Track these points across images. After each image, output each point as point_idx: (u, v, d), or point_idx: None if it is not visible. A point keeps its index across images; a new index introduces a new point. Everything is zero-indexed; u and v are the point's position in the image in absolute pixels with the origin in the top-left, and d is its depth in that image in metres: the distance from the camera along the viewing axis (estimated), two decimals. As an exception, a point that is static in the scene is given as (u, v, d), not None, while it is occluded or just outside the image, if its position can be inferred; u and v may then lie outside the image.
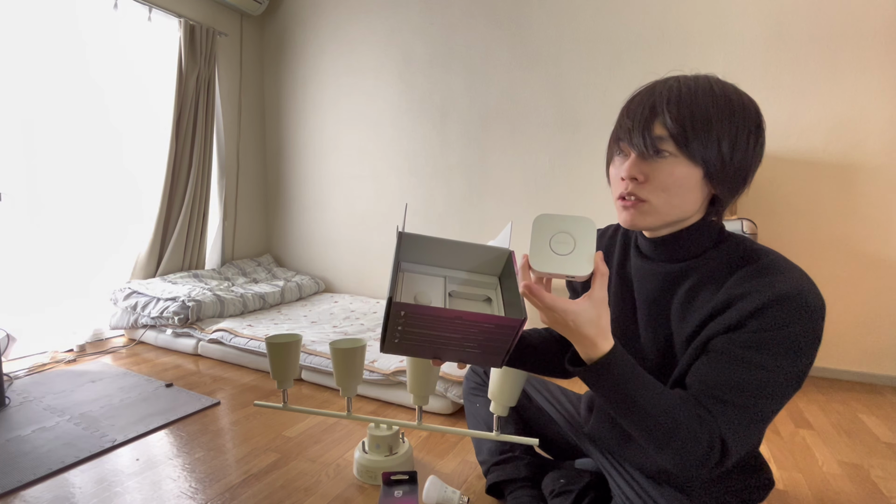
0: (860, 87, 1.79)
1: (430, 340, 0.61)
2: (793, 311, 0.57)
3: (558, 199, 2.39)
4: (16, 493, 1.13)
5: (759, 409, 0.59)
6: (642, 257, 0.75)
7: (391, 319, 0.57)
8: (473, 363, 0.66)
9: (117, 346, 2.33)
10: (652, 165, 0.62)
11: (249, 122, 3.25)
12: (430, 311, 0.56)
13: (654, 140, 0.61)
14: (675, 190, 0.62)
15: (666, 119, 0.60)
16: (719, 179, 0.62)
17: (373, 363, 1.67)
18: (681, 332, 0.68)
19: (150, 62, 2.61)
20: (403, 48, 2.75)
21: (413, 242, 0.66)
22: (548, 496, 0.94)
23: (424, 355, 0.65)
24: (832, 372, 1.90)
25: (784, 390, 0.59)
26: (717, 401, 0.59)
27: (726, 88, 0.62)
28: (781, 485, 1.16)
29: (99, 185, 2.44)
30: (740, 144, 0.61)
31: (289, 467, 1.23)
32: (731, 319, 0.60)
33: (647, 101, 0.63)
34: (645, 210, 0.64)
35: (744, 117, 0.61)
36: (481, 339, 0.60)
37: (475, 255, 0.69)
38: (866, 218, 1.82)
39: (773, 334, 0.58)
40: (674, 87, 0.62)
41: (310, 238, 3.25)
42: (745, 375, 0.58)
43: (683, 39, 2.05)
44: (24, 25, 2.10)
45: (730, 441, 0.58)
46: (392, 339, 0.60)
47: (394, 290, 0.56)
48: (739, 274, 0.62)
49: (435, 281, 0.68)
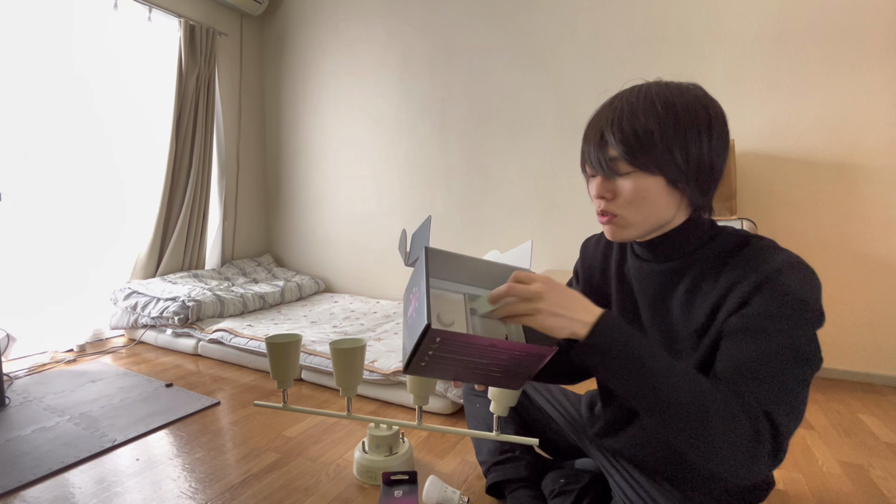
0: (860, 87, 1.78)
1: (457, 365, 0.61)
2: (794, 277, 0.59)
3: (558, 199, 2.39)
4: (16, 493, 1.13)
5: (792, 375, 0.56)
6: (638, 259, 0.76)
7: (423, 345, 0.56)
8: (493, 385, 0.66)
9: (117, 346, 2.33)
10: (616, 183, 0.66)
11: (249, 122, 3.25)
12: (465, 339, 0.56)
13: (608, 162, 0.65)
14: (640, 202, 0.65)
15: (612, 142, 0.64)
16: (683, 182, 0.64)
17: (373, 363, 1.67)
18: (687, 327, 0.68)
19: (150, 62, 2.61)
20: (403, 48, 2.75)
21: (436, 258, 0.66)
22: (548, 496, 0.94)
23: (446, 378, 0.64)
24: (832, 372, 1.90)
25: (810, 352, 0.57)
26: (747, 377, 0.56)
27: (668, 94, 0.63)
28: (781, 485, 1.16)
29: (99, 184, 2.44)
30: (693, 146, 0.62)
31: (289, 467, 1.23)
32: (736, 301, 0.61)
33: (596, 125, 0.67)
34: (620, 223, 0.68)
35: (690, 119, 0.62)
36: (509, 364, 0.60)
37: (495, 273, 0.69)
38: (866, 218, 1.82)
39: (781, 300, 0.58)
40: (617, 107, 0.65)
41: (310, 238, 3.24)
42: (767, 344, 0.57)
43: (683, 39, 2.05)
44: (25, 25, 2.10)
45: (775, 413, 0.54)
46: (419, 362, 0.59)
47: (430, 315, 0.55)
48: (734, 261, 0.64)
49: (455, 299, 0.68)
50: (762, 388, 0.55)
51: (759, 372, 0.56)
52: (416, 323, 0.57)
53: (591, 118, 0.70)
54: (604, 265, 0.85)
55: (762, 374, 0.56)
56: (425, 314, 0.55)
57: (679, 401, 0.55)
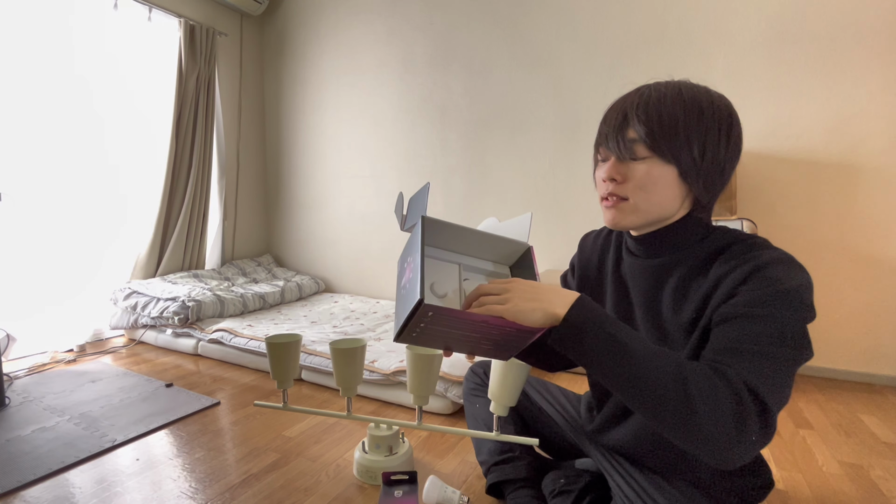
0: (860, 86, 1.78)
1: (448, 336, 0.62)
2: (783, 270, 0.58)
3: (558, 199, 2.39)
4: (16, 493, 1.13)
5: (777, 354, 0.54)
6: (632, 255, 0.77)
7: (416, 317, 0.56)
8: (483, 356, 0.68)
9: (117, 346, 2.33)
10: (629, 167, 0.66)
11: (249, 122, 3.25)
12: (457, 314, 0.57)
13: (627, 143, 0.65)
14: (651, 188, 0.65)
15: (635, 124, 0.64)
16: (694, 177, 0.65)
17: (373, 363, 1.67)
18: (676, 323, 0.69)
19: (150, 62, 2.61)
20: (403, 48, 2.75)
21: (432, 227, 0.66)
22: (548, 496, 0.94)
23: (437, 346, 0.66)
24: (832, 372, 1.90)
25: (797, 338, 0.55)
26: (729, 354, 0.55)
27: (696, 92, 0.65)
28: (781, 485, 1.16)
29: (99, 184, 2.44)
30: (711, 144, 0.64)
31: (289, 467, 1.23)
32: (724, 293, 0.61)
33: (620, 107, 0.67)
34: (626, 208, 0.68)
35: (713, 118, 0.64)
36: (499, 339, 0.62)
37: (492, 246, 0.69)
38: (866, 218, 1.82)
39: (770, 289, 0.57)
40: (644, 93, 0.66)
41: (310, 238, 3.25)
42: (756, 327, 0.56)
43: (683, 39, 2.05)
44: (25, 25, 2.10)
45: (759, 387, 0.51)
46: (410, 333, 0.60)
47: (422, 289, 0.55)
48: (724, 256, 0.65)
49: (450, 268, 0.68)
50: (744, 363, 0.54)
51: (741, 349, 0.55)
52: (409, 295, 0.58)
53: (613, 102, 0.70)
54: (601, 262, 0.85)
55: (745, 350, 0.55)
56: (418, 288, 0.55)
57: (658, 379, 0.53)
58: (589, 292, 0.85)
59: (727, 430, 0.50)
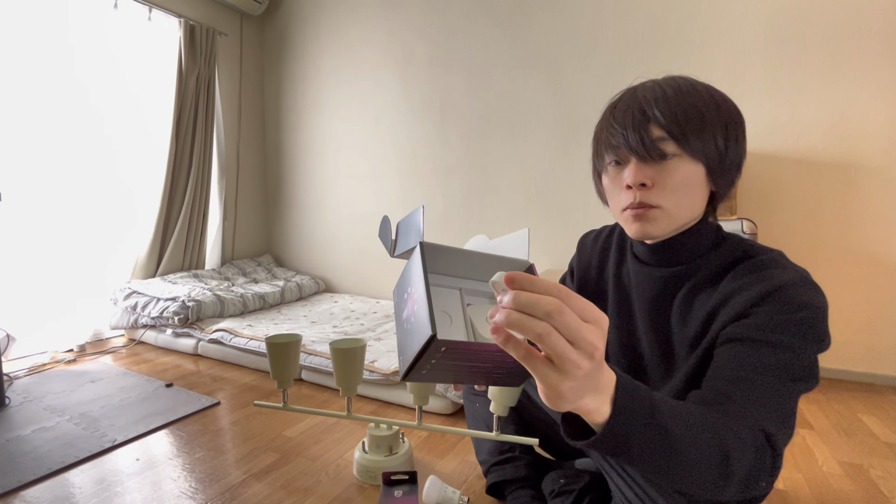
0: (860, 86, 1.78)
1: (460, 369, 0.58)
2: (801, 294, 0.54)
3: (558, 199, 2.39)
4: (16, 493, 1.13)
5: (788, 390, 0.51)
6: (639, 262, 0.73)
7: (426, 354, 0.51)
8: (494, 385, 0.62)
9: (117, 346, 2.33)
10: (656, 168, 0.60)
11: (249, 121, 3.25)
12: (471, 347, 0.53)
13: (653, 142, 0.59)
14: (683, 190, 0.60)
15: (659, 119, 0.59)
16: (719, 174, 0.62)
17: (373, 363, 1.67)
18: (682, 336, 0.66)
19: (150, 62, 2.61)
20: (403, 48, 2.75)
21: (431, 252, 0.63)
22: (548, 496, 0.94)
23: (447, 381, 0.61)
24: (832, 372, 1.90)
25: (810, 372, 0.53)
26: (741, 384, 0.51)
27: (706, 85, 0.63)
28: (781, 485, 1.16)
29: (99, 185, 2.44)
30: (731, 137, 0.61)
31: (289, 467, 1.23)
32: (734, 311, 0.57)
33: (634, 105, 0.61)
34: (656, 217, 0.62)
35: (728, 110, 0.62)
36: (513, 367, 0.57)
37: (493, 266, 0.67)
38: (866, 218, 1.82)
39: (786, 316, 0.53)
40: (656, 88, 0.61)
41: (310, 238, 3.25)
42: (769, 356, 0.52)
43: (683, 39, 2.05)
44: (24, 25, 2.10)
45: (773, 431, 0.49)
46: (420, 370, 0.54)
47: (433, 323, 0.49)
48: (736, 270, 0.61)
49: (451, 294, 0.65)
50: (758, 403, 0.51)
51: (752, 380, 0.52)
52: (417, 330, 0.53)
53: (616, 104, 0.64)
54: (601, 264, 0.83)
55: (756, 383, 0.52)
56: (428, 322, 0.49)
57: (700, 461, 0.45)
58: (587, 296, 0.82)
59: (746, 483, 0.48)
